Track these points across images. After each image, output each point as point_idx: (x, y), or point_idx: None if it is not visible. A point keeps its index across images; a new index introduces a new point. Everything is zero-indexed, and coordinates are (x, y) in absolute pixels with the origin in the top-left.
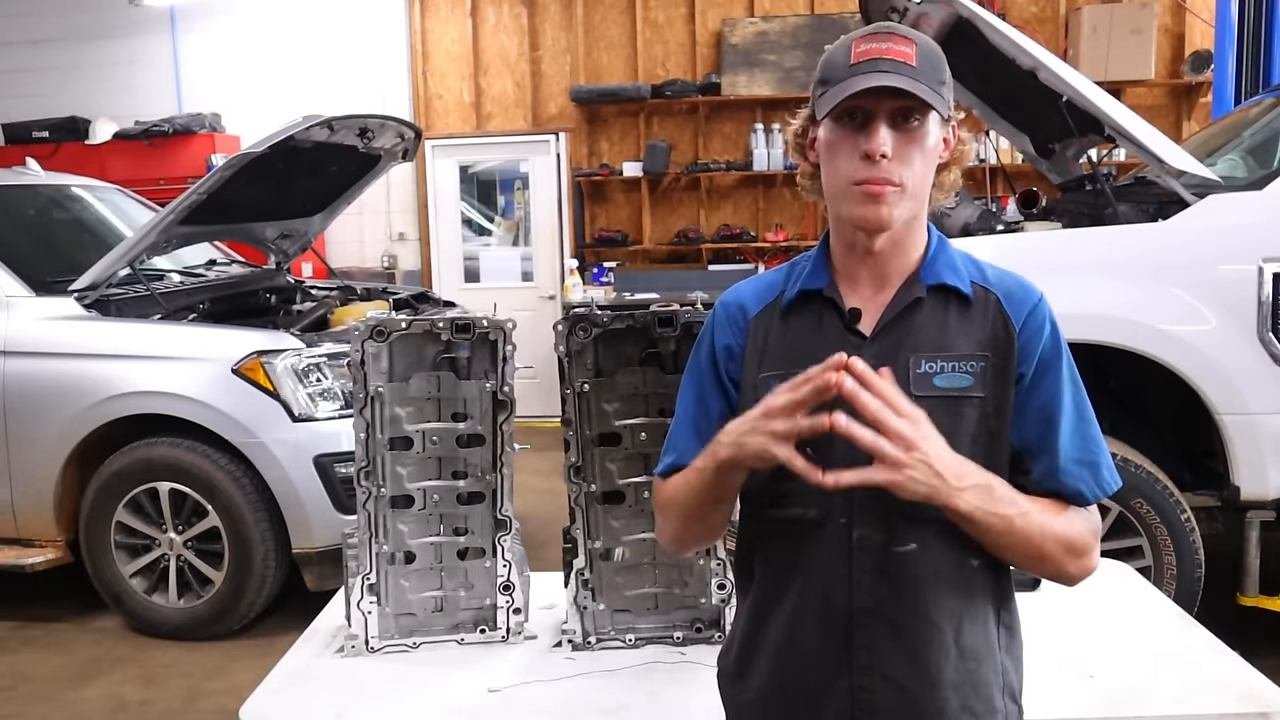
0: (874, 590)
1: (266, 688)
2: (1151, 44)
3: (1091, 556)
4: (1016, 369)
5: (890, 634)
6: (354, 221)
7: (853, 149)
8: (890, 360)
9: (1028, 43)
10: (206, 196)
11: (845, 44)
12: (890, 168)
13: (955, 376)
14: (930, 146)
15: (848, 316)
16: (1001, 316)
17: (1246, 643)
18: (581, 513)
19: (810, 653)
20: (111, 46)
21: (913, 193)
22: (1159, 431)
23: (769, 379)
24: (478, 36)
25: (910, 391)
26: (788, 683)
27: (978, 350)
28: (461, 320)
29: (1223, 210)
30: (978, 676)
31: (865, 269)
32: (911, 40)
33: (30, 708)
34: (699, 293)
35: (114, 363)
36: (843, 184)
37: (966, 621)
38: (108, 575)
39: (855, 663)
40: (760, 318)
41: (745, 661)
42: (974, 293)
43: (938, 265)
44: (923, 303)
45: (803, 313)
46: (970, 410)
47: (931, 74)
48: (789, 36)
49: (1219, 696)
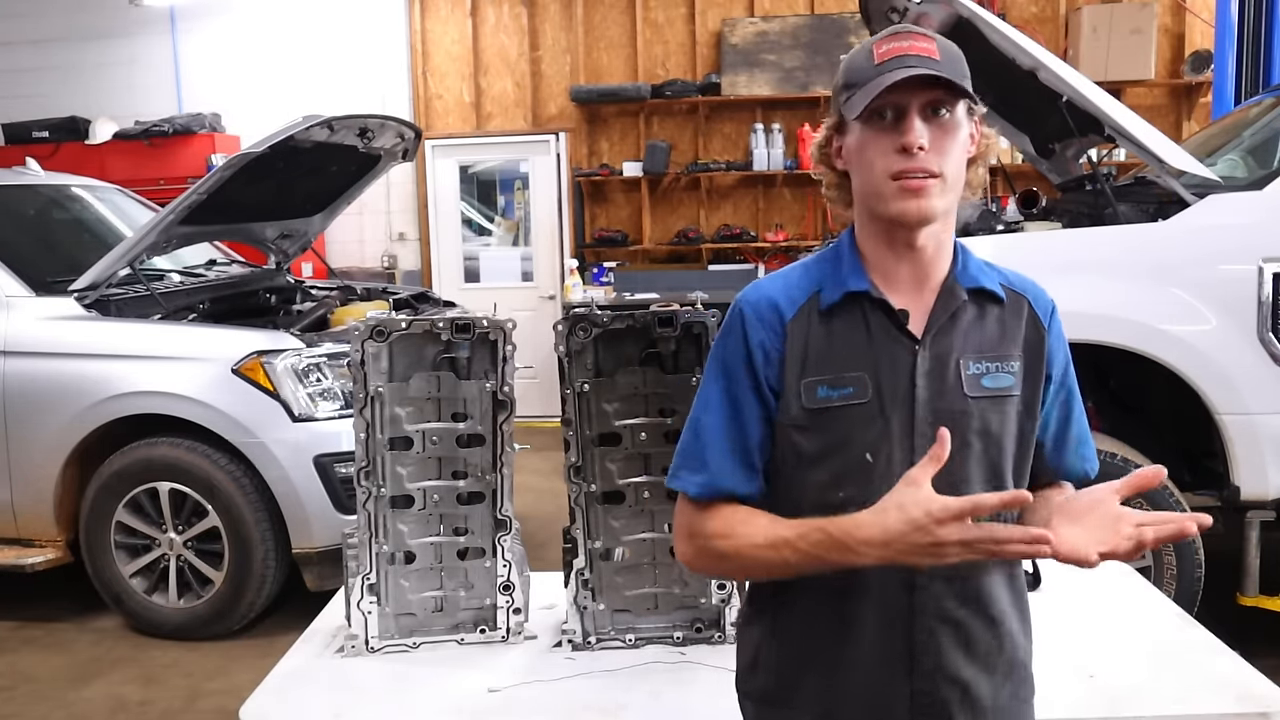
0: (934, 589)
1: (266, 688)
2: (1151, 44)
3: None
4: (1046, 369)
5: (951, 632)
6: (354, 221)
7: (887, 146)
8: (943, 362)
9: (1028, 43)
10: (206, 196)
11: (866, 48)
12: (928, 159)
13: (1000, 376)
14: (963, 138)
15: (900, 318)
16: (1034, 318)
17: (1246, 643)
18: (581, 513)
19: (870, 663)
20: (111, 46)
21: (952, 183)
22: (1159, 431)
23: (815, 384)
24: (478, 36)
25: (965, 393)
26: (846, 698)
27: (1017, 351)
28: (461, 320)
29: (1223, 210)
30: (1020, 662)
31: (905, 268)
32: (932, 38)
33: (30, 708)
34: (699, 293)
35: (114, 363)
36: (880, 181)
37: (1012, 610)
38: (108, 575)
39: (918, 668)
40: (798, 319)
41: (790, 685)
42: (1006, 295)
43: (970, 269)
44: (966, 304)
45: (844, 315)
46: (1014, 410)
47: (955, 69)
48: (789, 36)
49: (1219, 696)
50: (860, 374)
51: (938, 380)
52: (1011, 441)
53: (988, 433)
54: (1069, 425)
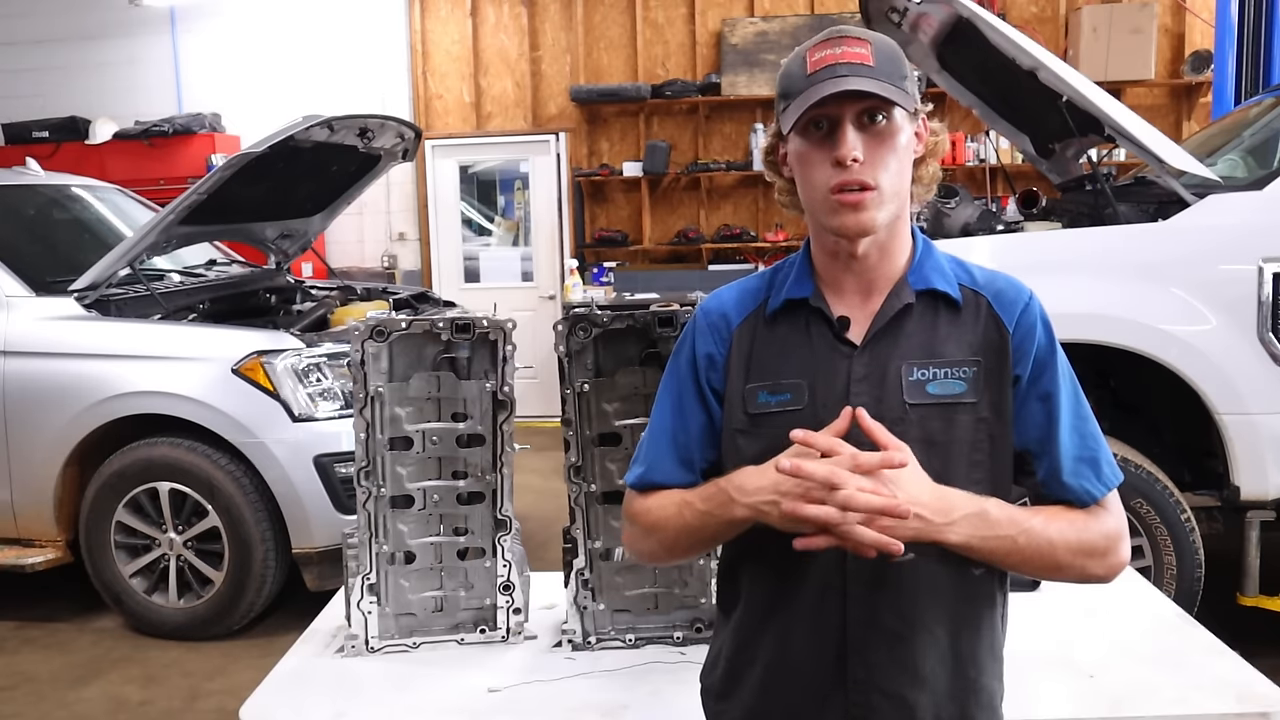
0: (870, 601)
1: (266, 688)
2: (1151, 44)
3: (1115, 554)
4: (1012, 370)
5: (887, 646)
6: (354, 221)
7: (823, 158)
8: (881, 369)
9: (1028, 43)
10: (206, 196)
11: (800, 55)
12: (863, 171)
13: (948, 383)
14: (902, 144)
15: (837, 325)
16: (993, 319)
17: (1246, 643)
18: (581, 513)
19: (803, 668)
20: (111, 46)
21: (891, 194)
22: (1159, 431)
23: (756, 390)
24: (478, 36)
25: (904, 400)
26: (778, 701)
27: (970, 355)
28: (461, 320)
29: (1223, 210)
30: (979, 684)
31: (850, 276)
32: (866, 40)
33: (30, 708)
34: (699, 293)
35: (114, 363)
36: (819, 194)
37: (967, 630)
38: (108, 575)
39: (850, 678)
40: (744, 326)
41: (733, 679)
42: (963, 296)
43: (924, 270)
44: (912, 309)
45: (789, 322)
46: (965, 416)
47: (892, 71)
48: (789, 36)
49: (1219, 696)
50: (798, 381)
51: (874, 387)
52: (964, 450)
53: (931, 442)
54: (1053, 434)
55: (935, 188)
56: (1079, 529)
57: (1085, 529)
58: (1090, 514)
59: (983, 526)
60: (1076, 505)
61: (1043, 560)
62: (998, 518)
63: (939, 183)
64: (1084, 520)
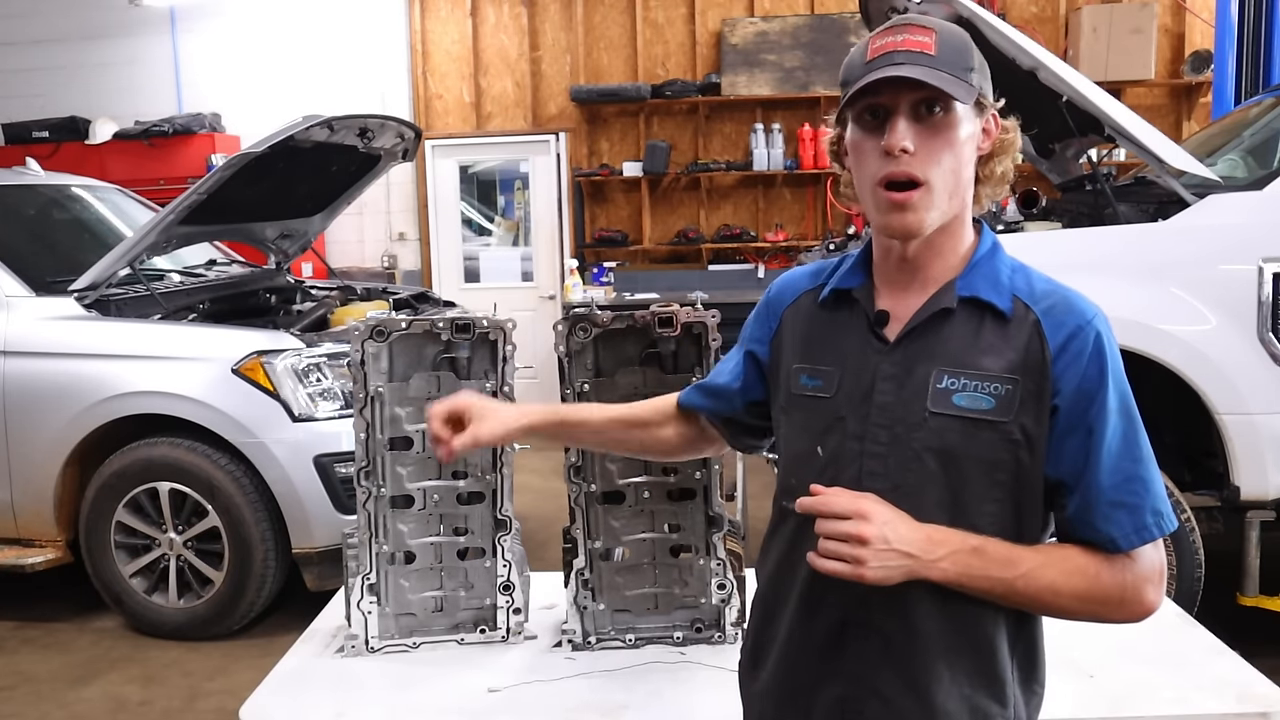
0: (866, 602)
1: (266, 688)
2: (1151, 44)
3: (1136, 604)
4: (1051, 399)
5: (883, 649)
6: (354, 221)
7: (875, 147)
8: (910, 370)
9: (1028, 43)
10: (206, 196)
11: (864, 42)
12: (913, 163)
13: (976, 396)
14: (961, 138)
15: (873, 319)
16: (1038, 338)
17: (1246, 643)
18: (581, 513)
19: (808, 653)
20: (111, 46)
21: (944, 191)
22: (1159, 431)
23: (800, 371)
24: (478, 36)
25: (926, 405)
26: (788, 679)
27: (1006, 372)
28: (461, 320)
29: (1223, 210)
30: (975, 704)
31: (902, 273)
32: (930, 29)
33: (30, 708)
34: (699, 293)
35: (114, 363)
36: (869, 186)
37: (969, 646)
38: (108, 575)
39: (846, 671)
40: (797, 305)
41: (758, 653)
42: (1014, 308)
43: (975, 275)
44: (953, 314)
45: (839, 309)
46: (990, 435)
47: (955, 61)
48: (789, 36)
49: (1219, 696)
50: (832, 369)
51: (899, 387)
52: (983, 469)
53: (946, 453)
54: (1089, 472)
55: (1007, 188)
56: (1090, 577)
57: (1098, 578)
58: (1109, 562)
59: (975, 565)
60: (1100, 550)
61: (1045, 604)
62: (995, 555)
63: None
64: (1098, 567)
